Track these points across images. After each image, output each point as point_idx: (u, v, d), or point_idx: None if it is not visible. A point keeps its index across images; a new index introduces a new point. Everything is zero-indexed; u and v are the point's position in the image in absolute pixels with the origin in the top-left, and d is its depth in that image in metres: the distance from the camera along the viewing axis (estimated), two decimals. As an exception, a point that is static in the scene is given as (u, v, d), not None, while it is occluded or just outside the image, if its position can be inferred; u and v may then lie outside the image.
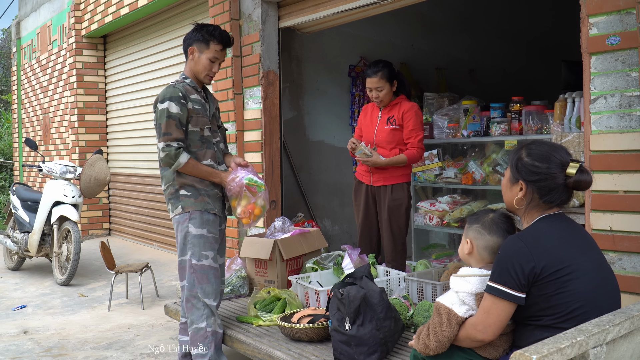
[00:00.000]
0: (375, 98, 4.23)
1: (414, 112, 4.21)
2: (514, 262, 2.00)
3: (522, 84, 6.92)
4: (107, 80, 8.97)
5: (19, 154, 11.88)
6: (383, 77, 4.16)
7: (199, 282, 3.34)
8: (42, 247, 6.31)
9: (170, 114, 3.28)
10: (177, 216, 3.37)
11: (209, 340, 3.33)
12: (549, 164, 2.09)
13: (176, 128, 3.29)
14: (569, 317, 1.98)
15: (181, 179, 3.36)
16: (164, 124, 3.28)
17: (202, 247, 3.34)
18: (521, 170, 2.14)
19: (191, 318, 3.36)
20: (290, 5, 5.21)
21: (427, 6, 5.41)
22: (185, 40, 3.50)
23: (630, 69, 2.85)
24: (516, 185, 2.16)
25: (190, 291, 3.35)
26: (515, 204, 2.17)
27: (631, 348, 1.95)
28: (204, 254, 3.35)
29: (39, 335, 4.54)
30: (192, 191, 3.36)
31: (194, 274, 3.34)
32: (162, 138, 3.29)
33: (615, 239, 2.90)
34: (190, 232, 3.33)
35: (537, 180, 2.10)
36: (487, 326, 2.05)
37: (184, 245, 3.35)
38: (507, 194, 2.22)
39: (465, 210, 4.92)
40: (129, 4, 7.36)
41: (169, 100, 3.29)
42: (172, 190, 3.38)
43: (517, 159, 2.16)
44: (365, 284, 2.99)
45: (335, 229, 6.36)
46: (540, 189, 2.10)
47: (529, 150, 2.15)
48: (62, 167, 6.46)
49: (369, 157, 4.13)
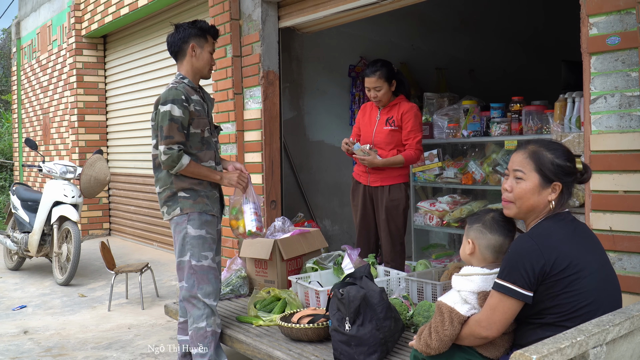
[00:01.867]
0: (374, 98, 4.21)
1: (413, 113, 4.19)
2: (525, 261, 2.00)
3: (522, 83, 6.92)
4: (107, 80, 8.98)
5: (19, 154, 11.88)
6: (381, 76, 4.14)
7: (198, 283, 3.34)
8: (42, 247, 6.31)
9: (172, 117, 3.25)
10: (176, 217, 3.36)
11: (209, 340, 3.34)
12: (573, 162, 2.15)
13: (178, 131, 3.27)
14: (573, 316, 1.99)
15: (180, 183, 3.34)
16: (166, 127, 3.25)
17: (201, 248, 3.34)
18: (558, 172, 2.12)
19: (192, 318, 3.36)
20: (290, 5, 5.21)
21: (427, 6, 5.40)
22: (179, 39, 3.43)
23: (630, 69, 2.85)
24: (547, 188, 2.13)
25: (190, 292, 3.35)
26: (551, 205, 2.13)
27: (631, 348, 1.95)
28: (203, 255, 3.34)
29: (39, 335, 4.54)
30: (190, 193, 3.36)
31: (194, 274, 3.34)
32: (164, 141, 3.26)
33: (615, 239, 2.90)
34: (189, 233, 3.33)
35: (571, 181, 2.15)
36: (491, 323, 2.05)
37: (182, 246, 3.35)
38: (532, 199, 2.14)
39: (465, 210, 4.92)
40: (129, 4, 7.36)
41: (171, 102, 3.27)
42: (170, 193, 3.36)
43: (549, 162, 2.12)
44: (365, 284, 2.99)
45: (335, 229, 6.36)
46: (569, 188, 2.16)
47: (554, 152, 2.14)
48: (62, 167, 6.46)
49: (366, 156, 4.12)
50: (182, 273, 3.38)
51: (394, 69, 4.25)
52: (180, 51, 3.45)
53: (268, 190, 5.24)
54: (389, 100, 4.24)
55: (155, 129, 3.37)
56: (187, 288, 3.36)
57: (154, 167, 3.46)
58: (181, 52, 3.45)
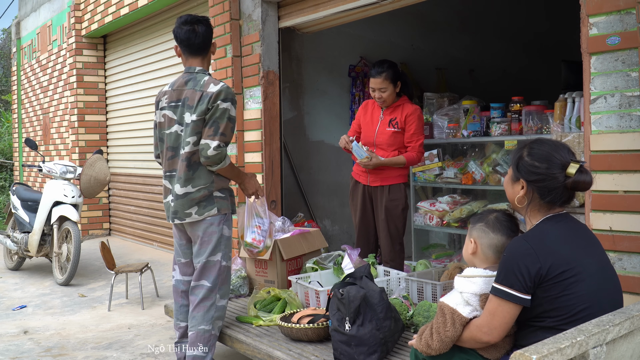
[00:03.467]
0: (379, 99, 4.20)
1: (417, 115, 4.18)
2: (520, 264, 1.99)
3: (522, 83, 6.92)
4: (107, 80, 8.97)
5: (19, 154, 11.88)
6: (387, 77, 4.12)
7: (222, 283, 3.36)
8: (42, 247, 6.31)
9: (230, 117, 3.25)
10: (211, 217, 3.32)
11: (211, 343, 3.34)
12: (549, 164, 2.08)
13: (231, 132, 3.27)
14: (573, 320, 1.98)
15: (220, 182, 3.34)
16: (224, 125, 3.21)
17: (230, 248, 3.40)
18: (521, 169, 2.14)
19: (201, 318, 3.32)
20: (290, 5, 5.21)
21: (426, 6, 5.40)
22: (210, 33, 3.36)
23: (630, 69, 2.85)
24: (517, 183, 2.16)
25: (212, 291, 3.34)
26: (517, 202, 2.17)
27: (631, 348, 1.95)
28: (229, 256, 3.41)
29: (39, 335, 4.54)
30: (225, 193, 3.38)
31: (221, 275, 3.35)
32: (219, 137, 3.20)
33: (615, 239, 2.90)
34: (225, 234, 3.35)
35: (537, 181, 2.09)
36: (492, 328, 2.04)
37: (216, 246, 3.33)
38: (509, 191, 2.22)
39: (465, 210, 4.92)
40: (129, 4, 7.36)
41: (231, 101, 3.25)
42: (207, 193, 3.30)
43: (519, 158, 2.15)
44: (365, 284, 2.99)
45: (335, 229, 6.36)
46: (540, 189, 2.09)
47: (530, 150, 2.14)
48: (62, 167, 6.46)
49: (369, 159, 4.09)
50: (207, 272, 3.34)
51: (399, 70, 4.25)
52: (206, 47, 3.39)
53: (268, 190, 5.25)
54: (393, 101, 4.24)
55: (201, 124, 3.22)
56: (209, 288, 3.33)
57: (187, 166, 3.27)
58: (206, 48, 3.39)
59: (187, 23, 3.34)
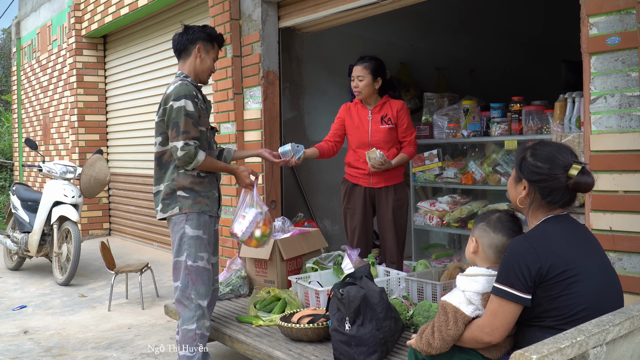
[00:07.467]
0: (355, 87, 4.22)
1: (406, 109, 4.30)
2: (521, 263, 2.00)
3: (522, 83, 6.92)
4: (107, 80, 8.98)
5: (19, 154, 11.88)
6: (367, 68, 4.17)
7: (193, 284, 3.31)
8: (42, 247, 6.31)
9: (187, 112, 3.24)
10: (174, 217, 3.34)
11: (197, 342, 3.30)
12: (551, 165, 2.10)
13: (193, 126, 3.26)
14: (572, 320, 1.98)
15: (181, 181, 3.32)
16: (183, 123, 3.22)
17: (198, 248, 3.32)
18: (524, 170, 2.16)
19: (182, 319, 3.33)
20: (290, 5, 5.21)
21: (427, 6, 5.40)
22: (187, 39, 3.43)
23: (630, 69, 2.85)
24: (520, 184, 2.18)
25: (184, 292, 3.32)
26: (519, 202, 2.19)
27: (631, 348, 1.95)
28: (199, 256, 3.33)
29: (39, 335, 4.54)
30: (190, 193, 3.34)
31: (189, 275, 3.31)
32: (182, 137, 3.22)
33: (615, 239, 2.90)
34: (187, 234, 3.31)
35: (539, 181, 2.11)
36: (494, 329, 2.05)
37: (179, 246, 3.33)
38: (511, 191, 2.24)
39: (465, 210, 4.92)
40: (129, 4, 7.36)
41: (184, 98, 3.25)
42: (168, 191, 3.33)
43: (522, 159, 2.18)
44: (365, 284, 2.99)
45: (335, 229, 6.36)
46: (542, 190, 2.11)
47: (533, 151, 2.16)
48: (62, 167, 6.46)
49: (381, 164, 4.06)
50: (176, 273, 3.35)
51: (384, 69, 4.26)
52: (185, 50, 3.45)
53: (268, 190, 5.25)
54: (369, 94, 4.23)
55: (163, 126, 3.32)
56: (181, 289, 3.32)
57: (158, 165, 3.40)
58: (186, 52, 3.45)
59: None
